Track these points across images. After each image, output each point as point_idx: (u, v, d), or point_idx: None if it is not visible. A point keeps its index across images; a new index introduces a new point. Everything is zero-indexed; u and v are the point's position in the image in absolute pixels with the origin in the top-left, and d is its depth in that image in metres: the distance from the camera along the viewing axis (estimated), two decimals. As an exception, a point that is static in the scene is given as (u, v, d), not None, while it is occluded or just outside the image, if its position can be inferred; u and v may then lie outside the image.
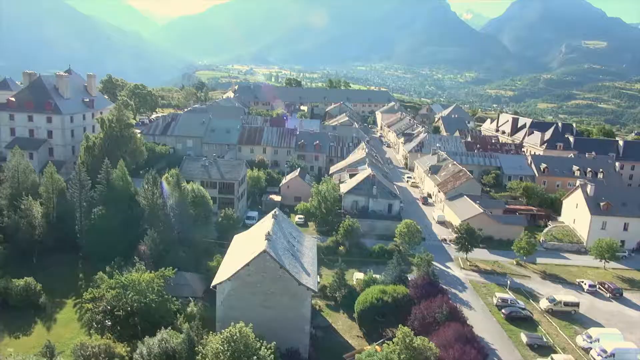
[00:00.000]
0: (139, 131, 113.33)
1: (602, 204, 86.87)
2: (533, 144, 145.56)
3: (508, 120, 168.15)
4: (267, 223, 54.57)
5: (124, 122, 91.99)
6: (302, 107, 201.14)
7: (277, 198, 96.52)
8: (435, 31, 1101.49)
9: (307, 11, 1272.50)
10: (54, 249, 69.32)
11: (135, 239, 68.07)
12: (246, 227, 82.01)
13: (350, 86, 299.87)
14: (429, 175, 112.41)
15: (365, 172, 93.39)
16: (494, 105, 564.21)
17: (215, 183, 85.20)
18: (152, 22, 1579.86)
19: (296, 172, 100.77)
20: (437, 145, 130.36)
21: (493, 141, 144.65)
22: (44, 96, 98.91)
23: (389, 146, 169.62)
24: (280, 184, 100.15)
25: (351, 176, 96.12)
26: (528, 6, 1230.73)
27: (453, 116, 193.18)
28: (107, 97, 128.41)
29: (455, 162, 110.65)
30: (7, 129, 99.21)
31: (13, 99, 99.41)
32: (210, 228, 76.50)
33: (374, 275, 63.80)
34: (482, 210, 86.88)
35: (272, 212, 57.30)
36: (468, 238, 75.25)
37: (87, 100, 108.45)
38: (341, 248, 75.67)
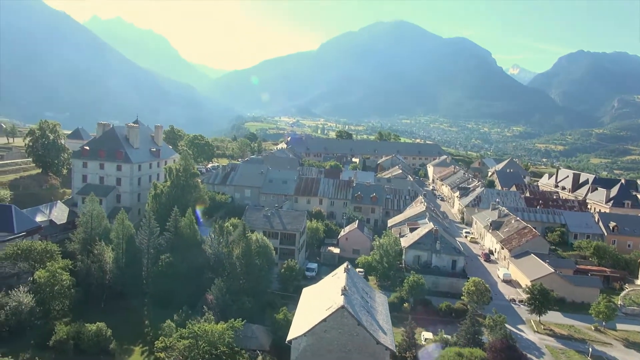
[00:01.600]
0: (199, 180, 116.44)
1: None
2: (597, 200, 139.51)
3: (568, 176, 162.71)
4: (339, 277, 53.57)
5: (190, 171, 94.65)
6: (353, 159, 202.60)
7: (336, 250, 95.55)
8: (481, 85, 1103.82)
9: (352, 65, 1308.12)
10: (120, 294, 70.51)
11: (200, 287, 68.49)
12: (306, 278, 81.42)
13: (400, 139, 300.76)
14: (490, 231, 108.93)
15: (427, 226, 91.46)
16: (544, 160, 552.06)
17: (277, 233, 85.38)
18: (204, 75, 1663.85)
19: (355, 224, 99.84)
20: (497, 200, 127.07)
21: (554, 197, 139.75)
22: (116, 145, 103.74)
23: (442, 200, 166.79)
24: (339, 236, 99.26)
25: (412, 230, 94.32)
26: (576, 61, 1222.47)
27: (508, 170, 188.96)
28: (171, 146, 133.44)
29: (518, 218, 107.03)
30: (80, 175, 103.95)
31: (87, 147, 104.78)
32: (272, 279, 76.35)
33: (444, 336, 60.98)
34: (552, 270, 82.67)
35: (344, 265, 56.38)
36: (541, 299, 71.29)
37: (154, 149, 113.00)
38: (405, 305, 73.16)
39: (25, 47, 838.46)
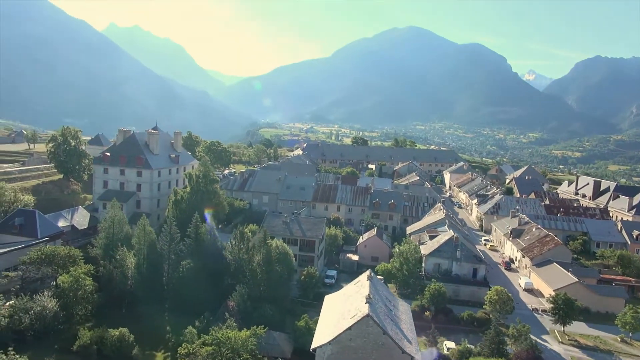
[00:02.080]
0: (218, 186, 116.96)
1: None
2: (620, 208, 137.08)
3: (589, 183, 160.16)
4: (362, 285, 53.18)
5: (209, 177, 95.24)
6: (369, 166, 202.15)
7: (355, 257, 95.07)
8: (496, 91, 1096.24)
9: (366, 72, 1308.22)
10: (140, 299, 70.79)
11: (220, 294, 68.51)
12: (325, 286, 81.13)
13: (416, 145, 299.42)
14: (510, 239, 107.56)
15: (447, 234, 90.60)
16: (561, 167, 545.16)
17: (297, 240, 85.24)
18: (219, 82, 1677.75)
19: (373, 231, 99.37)
20: (516, 207, 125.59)
21: (575, 205, 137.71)
22: (136, 151, 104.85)
23: (460, 207, 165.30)
24: (358, 243, 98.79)
25: (431, 237, 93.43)
26: (593, 67, 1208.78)
27: (526, 177, 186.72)
28: (189, 153, 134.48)
29: (539, 226, 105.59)
30: (101, 181, 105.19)
31: (108, 153, 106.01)
32: (292, 286, 76.10)
33: (468, 345, 60.16)
34: (576, 279, 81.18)
35: (367, 273, 56.03)
36: (566, 309, 70.00)
37: (174, 156, 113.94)
38: (427, 313, 72.32)
39: (44, 55, 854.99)
